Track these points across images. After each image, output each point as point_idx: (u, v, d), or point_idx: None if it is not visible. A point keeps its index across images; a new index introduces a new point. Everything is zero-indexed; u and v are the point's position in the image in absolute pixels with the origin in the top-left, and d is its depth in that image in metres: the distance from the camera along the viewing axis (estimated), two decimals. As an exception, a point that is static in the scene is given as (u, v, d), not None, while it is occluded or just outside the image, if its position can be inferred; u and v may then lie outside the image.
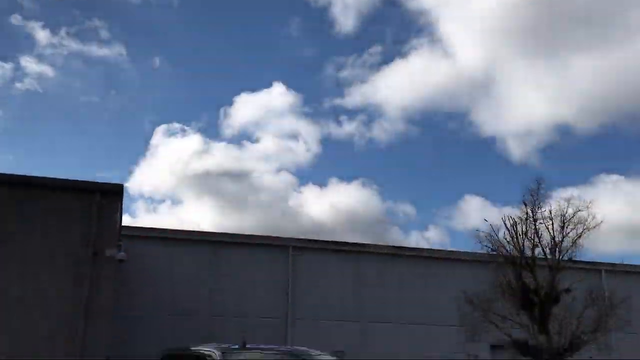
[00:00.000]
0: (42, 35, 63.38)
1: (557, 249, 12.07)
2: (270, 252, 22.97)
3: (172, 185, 74.85)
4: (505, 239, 12.33)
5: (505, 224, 12.36)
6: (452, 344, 21.71)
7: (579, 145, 68.43)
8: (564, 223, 11.96)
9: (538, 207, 12.12)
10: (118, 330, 19.32)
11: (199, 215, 73.13)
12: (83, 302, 13.90)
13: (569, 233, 11.94)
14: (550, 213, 12.10)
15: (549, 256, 12.22)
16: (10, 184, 14.45)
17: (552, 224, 12.05)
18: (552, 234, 12.07)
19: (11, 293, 13.58)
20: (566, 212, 12.00)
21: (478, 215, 77.74)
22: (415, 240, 78.18)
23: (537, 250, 12.26)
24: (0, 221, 14.11)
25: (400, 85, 68.36)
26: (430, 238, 78.66)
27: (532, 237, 12.10)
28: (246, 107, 75.04)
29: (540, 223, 12.15)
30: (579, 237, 11.88)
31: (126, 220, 21.14)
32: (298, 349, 7.69)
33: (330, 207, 76.34)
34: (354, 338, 22.57)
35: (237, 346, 6.54)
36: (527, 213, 12.18)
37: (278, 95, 75.04)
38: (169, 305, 20.88)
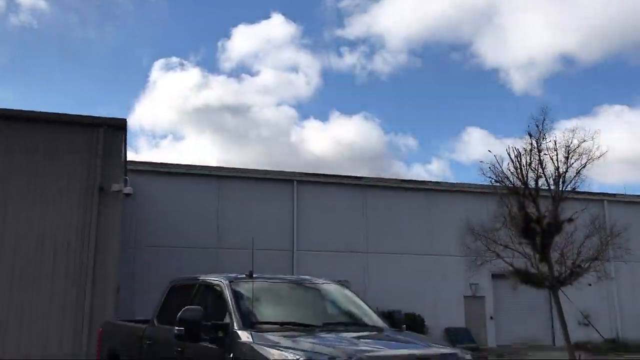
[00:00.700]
0: (35, -33, 61.79)
1: (560, 179, 12.10)
2: (275, 186, 23.18)
3: (172, 120, 74.53)
4: (509, 170, 12.36)
5: (509, 155, 12.36)
6: (455, 273, 22.22)
7: (582, 76, 67.37)
8: (568, 154, 11.94)
9: (543, 138, 12.08)
10: (126, 263, 19.80)
11: (201, 151, 73.18)
12: (91, 236, 14.15)
13: (573, 164, 11.95)
14: (555, 144, 12.08)
15: (552, 187, 12.28)
16: (12, 118, 14.42)
17: (557, 154, 12.04)
18: (556, 164, 12.08)
19: (19, 231, 13.81)
20: (571, 143, 11.97)
21: (480, 148, 77.63)
22: (417, 173, 78.36)
23: (541, 181, 12.31)
24: (4, 158, 14.17)
25: (401, 15, 66.65)
26: (433, 171, 78.67)
27: (536, 168, 12.11)
28: (244, 39, 73.46)
29: (545, 154, 12.14)
30: (583, 167, 11.90)
31: (130, 156, 21.18)
32: (303, 277, 7.88)
33: (332, 141, 76.04)
34: (358, 269, 23.09)
35: (244, 276, 6.70)
36: (531, 144, 12.15)
37: (277, 27, 73.19)
38: (176, 238, 21.26)
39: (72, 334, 13.59)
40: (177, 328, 5.69)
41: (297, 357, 4.75)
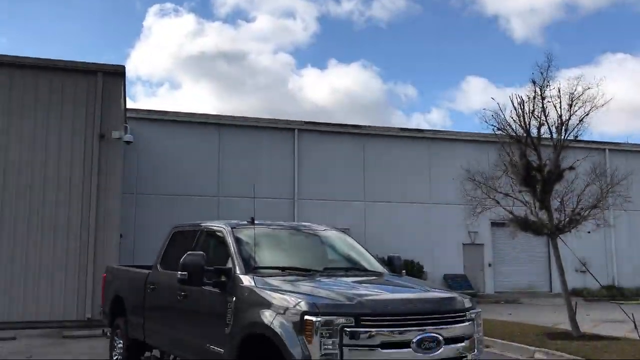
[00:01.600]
0: None
1: (563, 127, 12.00)
2: (275, 134, 23.11)
3: (168, 68, 73.61)
4: (512, 117, 12.24)
5: (512, 103, 12.21)
6: (454, 221, 22.38)
7: (584, 23, 66.04)
8: (572, 101, 11.80)
9: (547, 85, 11.91)
10: (128, 211, 19.93)
11: (198, 99, 72.56)
12: (92, 183, 14.20)
13: (576, 111, 11.83)
14: (559, 91, 11.91)
15: (554, 135, 12.19)
16: (10, 65, 14.25)
17: (560, 102, 11.89)
18: (559, 112, 11.95)
19: (21, 181, 13.86)
20: (575, 90, 11.81)
21: (480, 97, 76.95)
22: (417, 122, 77.96)
23: (543, 129, 12.20)
24: (3, 105, 14.08)
25: (401, -41, 64.87)
26: (432, 120, 78.20)
27: (539, 115, 11.99)
28: (239, -17, 71.56)
29: (548, 101, 11.99)
30: (586, 115, 11.78)
31: (129, 104, 21.03)
32: (303, 223, 7.93)
33: (330, 89, 75.24)
34: (358, 217, 23.25)
35: (245, 222, 6.74)
36: (535, 91, 11.99)
37: (272, -30, 71.15)
38: (177, 186, 21.34)
39: (76, 281, 13.82)
40: (180, 273, 5.76)
41: (298, 300, 4.82)
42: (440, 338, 4.87)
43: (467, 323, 5.17)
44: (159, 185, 21.21)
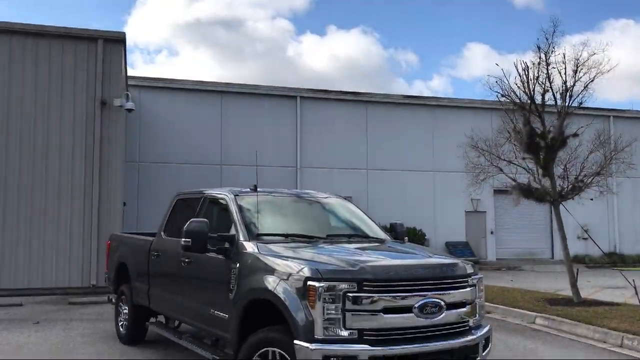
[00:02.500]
0: None
1: (567, 94, 11.88)
2: (278, 102, 22.98)
3: (166, 35, 72.80)
4: (516, 84, 12.11)
5: (516, 69, 12.07)
6: (457, 189, 22.39)
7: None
8: (577, 67, 11.66)
9: (552, 51, 11.75)
10: (131, 179, 19.99)
11: (197, 66, 71.91)
12: (95, 151, 14.21)
13: (581, 77, 11.69)
14: (564, 57, 11.76)
15: (558, 101, 12.08)
16: (11, 32, 14.11)
17: (565, 68, 11.75)
18: (563, 78, 11.81)
19: (23, 150, 13.86)
20: (580, 56, 11.65)
21: (482, 64, 76.13)
22: (419, 90, 77.32)
23: (548, 96, 12.08)
24: (4, 72, 13.99)
25: None
26: (434, 87, 77.52)
27: (544, 82, 11.86)
28: (235, -55, 70.17)
29: (553, 68, 11.85)
30: (592, 81, 11.64)
31: (129, 72, 20.86)
32: (306, 191, 7.94)
33: (329, 56, 74.42)
34: (360, 185, 23.28)
35: (248, 189, 6.75)
36: (539, 57, 11.83)
37: None
38: (179, 154, 21.33)
39: (80, 248, 13.93)
40: (183, 240, 5.79)
41: (301, 266, 4.85)
42: (442, 303, 4.91)
43: (468, 289, 5.21)
44: (161, 153, 21.21)
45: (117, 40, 14.81)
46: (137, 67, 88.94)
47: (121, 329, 8.51)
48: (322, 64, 76.99)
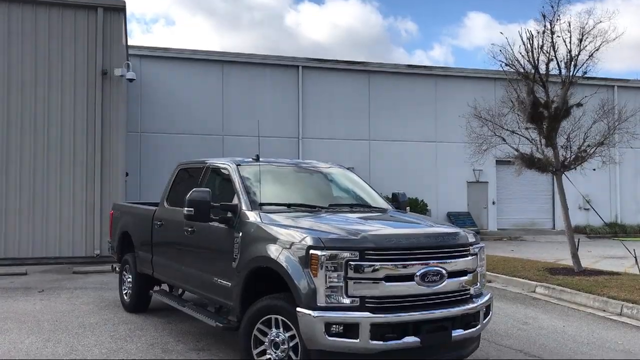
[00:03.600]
0: None
1: (572, 63, 11.75)
2: (279, 72, 22.79)
3: (162, 3, 71.84)
4: (520, 53, 11.97)
5: (521, 38, 11.92)
6: (459, 159, 22.34)
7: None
8: (582, 36, 11.51)
9: (557, 19, 11.59)
10: (132, 149, 19.98)
11: (195, 35, 71.11)
12: (97, 121, 14.18)
13: (586, 46, 11.54)
14: (569, 25, 11.60)
15: (563, 71, 11.96)
16: (5, 1, 13.95)
17: (570, 36, 11.59)
18: (568, 47, 11.67)
19: (25, 121, 13.83)
20: (586, 24, 11.49)
21: (482, 33, 75.21)
22: (419, 59, 76.51)
23: (552, 65, 11.95)
24: (4, 41, 13.88)
25: None
26: (435, 57, 76.70)
27: (548, 51, 11.72)
28: None
29: (558, 36, 11.70)
30: (597, 50, 11.49)
31: (129, 41, 20.66)
32: (308, 161, 7.94)
33: (328, 25, 73.52)
34: (363, 156, 23.25)
35: (250, 159, 6.75)
36: (544, 26, 11.67)
37: None
38: (180, 125, 21.26)
39: (84, 218, 14.01)
40: (186, 209, 5.81)
41: (304, 235, 4.87)
42: (444, 272, 4.94)
43: (470, 257, 5.24)
44: (163, 123, 21.14)
45: (117, 9, 14.66)
46: (134, 36, 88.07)
47: (125, 297, 8.60)
48: (321, 33, 76.23)
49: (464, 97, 20.19)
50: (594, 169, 14.58)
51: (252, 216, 5.63)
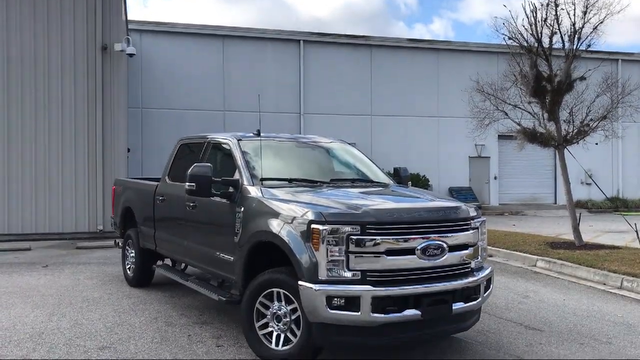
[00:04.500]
0: None
1: (576, 36, 11.64)
2: (280, 46, 22.62)
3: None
4: (523, 26, 11.84)
5: (524, 10, 11.79)
6: (461, 134, 22.29)
7: None
8: (586, 8, 11.39)
9: (561, -9, 11.45)
10: (134, 125, 19.94)
11: (191, 10, 70.31)
12: (97, 97, 14.13)
13: (591, 19, 11.42)
14: (574, -3, 11.45)
15: (566, 44, 11.85)
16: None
17: (574, 9, 11.47)
18: (572, 20, 11.54)
19: (25, 97, 13.78)
20: (590, -4, 11.34)
21: (483, 7, 74.26)
22: (420, 34, 75.74)
23: (555, 38, 11.83)
24: (1, 21, 13.76)
25: None
26: (435, 31, 75.87)
27: (552, 24, 11.60)
28: None
29: (562, 9, 11.57)
30: (601, 22, 11.36)
31: (129, 16, 20.45)
32: (309, 136, 7.92)
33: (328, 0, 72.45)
34: (364, 131, 23.18)
35: (251, 134, 6.73)
36: (548, -2, 11.53)
37: None
38: (183, 101, 21.18)
39: (86, 194, 14.05)
40: (188, 184, 5.82)
41: (305, 210, 4.88)
42: (445, 245, 4.96)
43: (471, 231, 5.25)
44: (164, 99, 21.05)
45: (116, -17, 14.49)
46: (130, 10, 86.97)
47: (128, 272, 8.66)
48: (321, 8, 75.39)
49: (466, 71, 20.05)
50: (597, 143, 14.54)
51: (254, 191, 5.64)
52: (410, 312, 4.71)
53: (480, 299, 5.26)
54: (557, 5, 11.59)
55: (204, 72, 21.52)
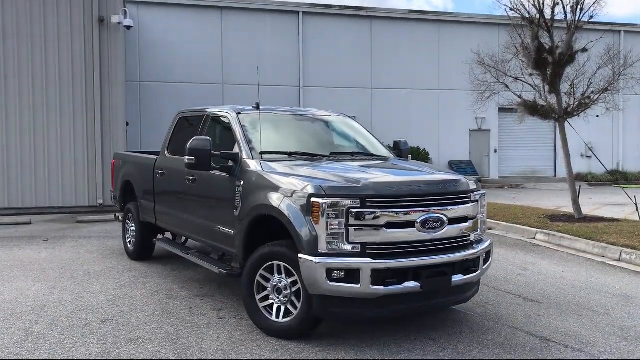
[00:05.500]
0: None
1: (578, 7, 11.51)
2: (279, 18, 22.37)
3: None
4: (525, -3, 11.70)
5: (526, -19, 11.63)
6: (461, 108, 22.20)
7: None
8: (590, -22, 11.25)
9: (564, -39, 11.28)
10: (132, 98, 19.83)
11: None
12: (95, 70, 14.02)
13: (593, -11, 11.28)
14: (576, -33, 11.29)
15: (569, 16, 11.72)
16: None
17: (577, -21, 11.32)
18: (575, -10, 11.40)
19: (22, 72, 13.66)
20: (593, -34, 11.19)
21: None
22: (419, 5, 74.80)
23: (557, 10, 11.71)
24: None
25: None
26: (435, 2, 74.84)
27: (554, -6, 11.46)
28: None
29: (564, -21, 11.42)
30: (604, -8, 11.25)
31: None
32: (308, 109, 7.88)
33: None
34: (364, 104, 23.07)
35: (251, 108, 6.69)
36: (551, -32, 11.37)
37: None
38: (181, 74, 21.02)
39: (86, 168, 14.03)
40: (187, 157, 5.80)
41: (305, 183, 4.87)
42: (444, 218, 4.97)
43: (470, 204, 5.25)
44: (162, 72, 20.89)
45: (112, -47, 14.25)
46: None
47: (129, 246, 8.70)
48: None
49: (467, 44, 19.84)
50: (597, 116, 14.49)
51: (253, 165, 5.62)
52: (410, 284, 4.74)
53: (479, 271, 5.29)
54: (559, -24, 11.43)
55: (202, 45, 21.33)
